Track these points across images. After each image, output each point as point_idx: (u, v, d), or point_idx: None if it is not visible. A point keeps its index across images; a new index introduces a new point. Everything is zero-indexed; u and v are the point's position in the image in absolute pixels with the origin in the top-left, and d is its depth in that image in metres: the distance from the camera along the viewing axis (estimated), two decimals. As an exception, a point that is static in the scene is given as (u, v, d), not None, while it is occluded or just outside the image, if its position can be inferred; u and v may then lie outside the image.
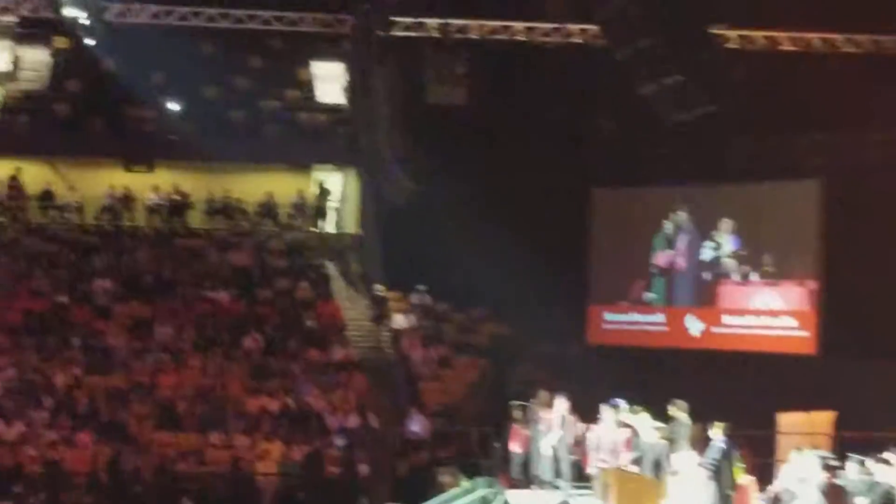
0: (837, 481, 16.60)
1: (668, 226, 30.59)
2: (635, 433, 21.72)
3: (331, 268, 36.37)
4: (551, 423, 22.86)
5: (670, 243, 30.55)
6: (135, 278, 33.92)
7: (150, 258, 34.85)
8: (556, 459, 23.04)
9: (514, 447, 24.40)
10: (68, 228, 36.00)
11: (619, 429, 21.38)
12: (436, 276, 32.68)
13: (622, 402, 22.79)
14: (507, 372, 31.45)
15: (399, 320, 33.54)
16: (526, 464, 24.07)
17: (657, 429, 21.47)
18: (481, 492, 19.42)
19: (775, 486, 21.51)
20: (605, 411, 22.01)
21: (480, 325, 34.06)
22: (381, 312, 33.62)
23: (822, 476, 16.34)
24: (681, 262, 30.19)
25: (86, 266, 34.25)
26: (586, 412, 23.30)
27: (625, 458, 21.19)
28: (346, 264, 36.09)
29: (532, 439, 23.93)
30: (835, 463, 17.30)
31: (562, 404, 22.35)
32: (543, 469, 23.49)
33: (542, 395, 24.06)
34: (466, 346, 33.22)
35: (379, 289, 33.74)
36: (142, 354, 30.97)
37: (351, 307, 34.73)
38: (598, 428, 22.17)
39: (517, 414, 24.27)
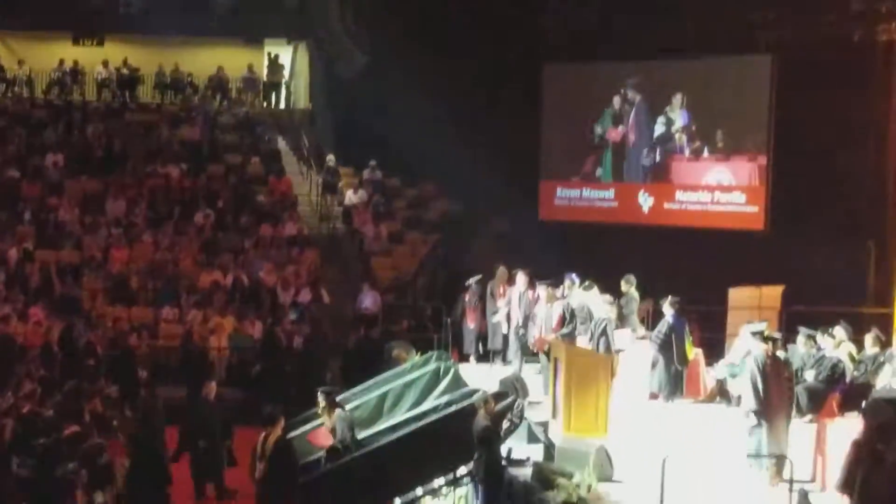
0: (780, 354, 16.44)
1: (615, 101, 30.20)
2: (582, 308, 21.57)
3: (282, 143, 36.07)
4: (509, 298, 22.66)
5: (619, 119, 30.21)
6: (85, 153, 33.49)
7: (100, 133, 34.39)
8: (508, 335, 22.94)
9: (469, 322, 24.29)
10: (18, 103, 35.45)
11: (554, 303, 21.09)
12: (387, 151, 32.33)
13: (574, 277, 22.64)
14: (459, 248, 31.25)
15: (350, 196, 33.28)
16: (480, 339, 23.97)
17: (608, 304, 21.32)
18: (433, 366, 19.20)
19: (725, 361, 21.55)
20: (540, 287, 21.83)
21: (432, 201, 33.85)
22: (332, 183, 33.26)
23: (763, 349, 16.21)
24: (632, 138, 29.89)
25: (36, 141, 33.70)
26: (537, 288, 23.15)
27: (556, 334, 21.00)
28: (298, 139, 35.67)
29: (487, 315, 23.82)
30: (776, 336, 17.17)
31: (521, 280, 22.12)
32: (496, 344, 23.41)
33: (500, 270, 23.86)
34: (418, 221, 33.02)
35: (330, 160, 33.31)
36: (93, 229, 30.63)
37: (302, 182, 34.48)
38: (539, 303, 22.02)
39: (473, 289, 24.07)
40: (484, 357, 23.38)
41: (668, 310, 20.69)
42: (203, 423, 20.08)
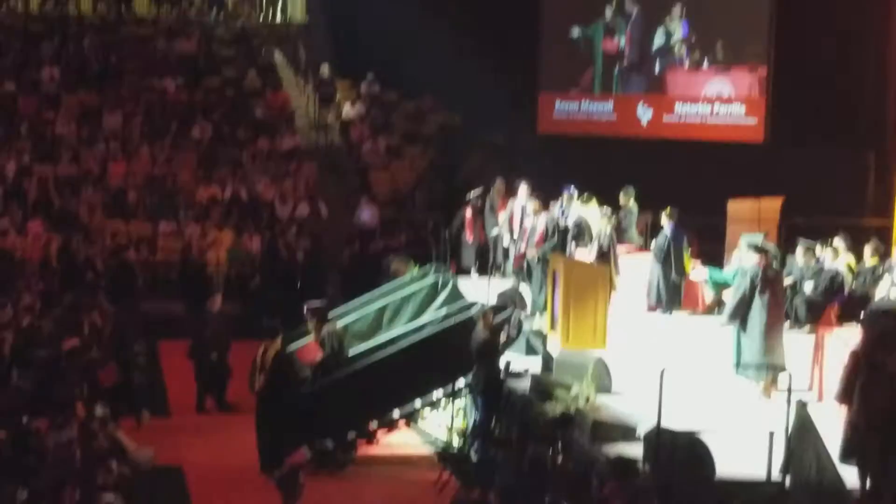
0: (774, 265, 16.39)
1: (608, 12, 29.80)
2: (580, 221, 21.48)
3: (278, 56, 35.76)
4: (510, 210, 22.46)
5: (611, 30, 29.83)
6: (82, 67, 33.19)
7: (96, 46, 34.01)
8: (509, 248, 22.87)
9: (468, 236, 24.17)
10: (13, 16, 35.06)
11: (540, 216, 20.90)
12: (385, 64, 32.00)
13: (573, 190, 22.53)
14: (457, 161, 31.09)
15: (348, 109, 33.06)
16: (479, 252, 23.87)
17: (607, 216, 21.22)
18: (432, 279, 19.18)
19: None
20: (522, 193, 21.73)
21: (430, 114, 33.57)
22: (327, 95, 33.04)
23: (756, 260, 16.16)
24: (631, 50, 29.55)
25: (32, 54, 33.38)
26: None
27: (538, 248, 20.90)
28: (294, 52, 35.35)
29: (486, 228, 23.69)
30: (769, 247, 17.13)
31: (523, 190, 21.93)
32: (496, 258, 23.33)
33: (499, 183, 23.72)
34: (416, 135, 32.79)
35: (324, 70, 33.05)
36: (91, 143, 30.42)
37: (299, 96, 34.22)
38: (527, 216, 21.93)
39: (473, 203, 23.89)
40: (483, 270, 23.29)
41: (666, 222, 20.58)
42: (212, 335, 20.08)
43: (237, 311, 23.93)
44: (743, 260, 16.47)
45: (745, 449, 13.14)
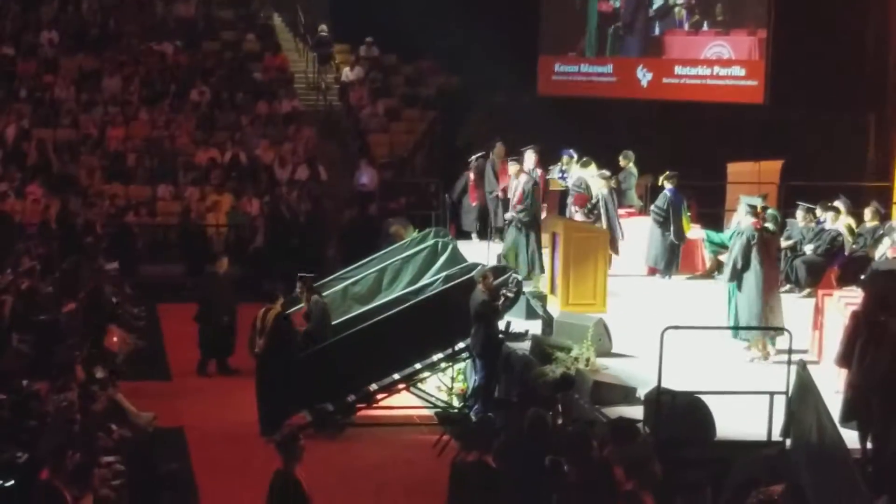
0: (769, 226, 16.33)
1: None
2: (580, 184, 21.37)
3: (277, 19, 35.60)
4: (514, 173, 22.14)
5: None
6: (81, 30, 33.04)
7: (95, 9, 33.86)
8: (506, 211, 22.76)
9: (471, 199, 24.03)
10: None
11: (520, 177, 20.55)
12: (384, 26, 31.81)
13: (572, 153, 22.44)
14: (456, 124, 30.96)
15: (347, 72, 32.92)
16: (481, 216, 23.77)
17: (604, 179, 21.14)
18: (431, 242, 19.10)
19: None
20: (529, 159, 21.58)
21: (429, 77, 33.44)
22: (325, 55, 32.90)
23: (752, 222, 16.10)
24: (631, 12, 29.36)
25: (31, 17, 33.21)
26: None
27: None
28: (293, 15, 35.16)
29: (487, 191, 23.56)
30: (765, 206, 17.06)
31: (530, 158, 21.71)
32: (498, 221, 23.23)
33: (499, 146, 23.57)
34: (415, 97, 32.66)
35: (322, 29, 32.89)
36: (90, 107, 30.31)
37: (298, 59, 34.09)
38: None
39: (475, 166, 23.72)
40: (484, 234, 23.22)
41: (666, 185, 20.54)
42: (219, 298, 20.00)
43: (237, 273, 23.82)
44: (742, 223, 16.37)
45: (745, 410, 13.09)
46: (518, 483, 11.13)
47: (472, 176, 23.61)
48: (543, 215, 20.88)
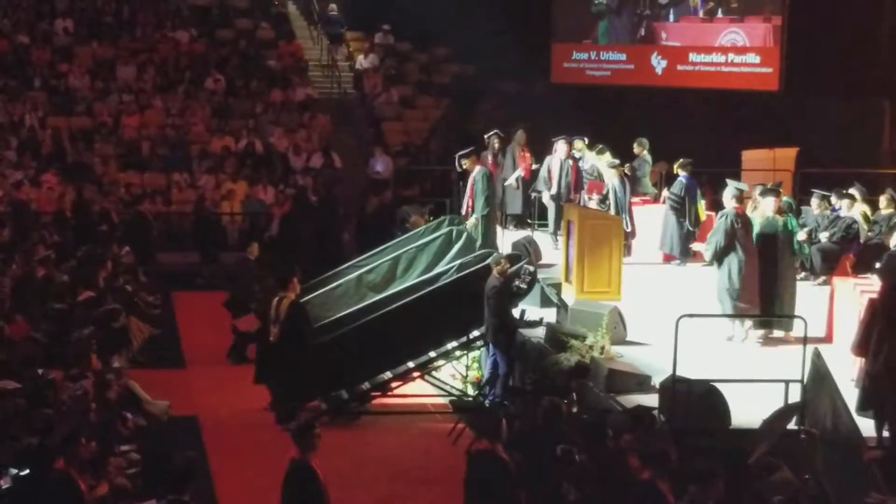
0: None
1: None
2: (592, 171, 21.31)
3: (292, 7, 35.57)
4: (548, 166, 22.01)
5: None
6: (95, 18, 33.05)
7: (109, -2, 33.89)
8: (527, 197, 22.71)
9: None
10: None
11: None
12: (398, 14, 31.76)
13: (585, 140, 22.36)
14: (471, 111, 30.90)
15: (361, 60, 32.88)
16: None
17: (620, 166, 21.07)
18: (446, 229, 19.03)
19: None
20: (560, 149, 21.51)
21: (443, 65, 33.39)
22: (336, 36, 32.88)
23: (734, 207, 16.17)
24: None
25: (45, 6, 33.22)
26: (549, 151, 22.89)
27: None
28: (307, 3, 35.14)
29: (502, 178, 23.44)
30: (744, 189, 17.14)
31: (562, 148, 21.60)
32: (514, 208, 23.16)
33: (519, 134, 23.42)
34: (429, 85, 32.62)
35: (332, 8, 32.86)
36: (104, 95, 30.32)
37: (312, 47, 34.06)
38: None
39: (493, 145, 23.54)
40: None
41: (680, 172, 20.44)
42: (250, 284, 19.96)
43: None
44: (726, 206, 16.52)
45: (760, 397, 13.03)
46: (531, 472, 11.08)
47: (489, 157, 23.45)
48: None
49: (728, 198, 16.61)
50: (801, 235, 16.56)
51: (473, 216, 19.68)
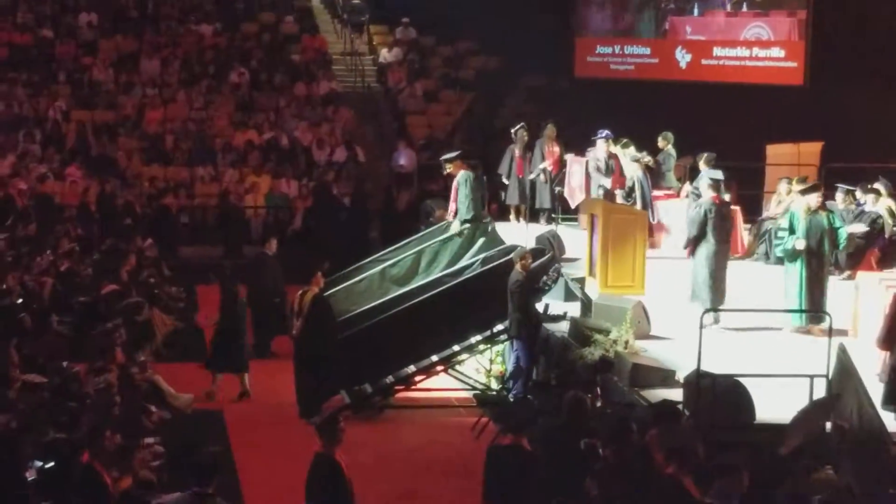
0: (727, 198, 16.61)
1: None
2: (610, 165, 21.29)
3: (315, 0, 35.63)
4: (585, 161, 21.93)
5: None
6: (119, 12, 33.18)
7: (133, -8, 33.98)
8: (552, 191, 22.67)
9: (518, 172, 23.73)
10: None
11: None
12: (422, 8, 31.75)
13: (610, 134, 22.27)
14: (495, 105, 30.88)
15: (385, 54, 32.90)
16: (522, 194, 23.54)
17: (644, 160, 21.04)
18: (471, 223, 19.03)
19: (763, 216, 21.33)
20: (600, 147, 21.46)
21: (467, 59, 33.38)
22: (357, 22, 32.93)
23: (711, 196, 16.31)
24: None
25: (70, 0, 33.31)
26: (573, 144, 22.87)
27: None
28: (331, -2, 35.25)
29: (532, 170, 23.37)
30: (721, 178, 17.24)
31: (602, 146, 21.51)
32: (543, 202, 23.12)
33: (550, 128, 23.34)
34: (453, 79, 32.62)
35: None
36: (128, 89, 30.41)
37: (336, 41, 34.10)
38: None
39: (520, 137, 23.48)
40: (521, 213, 23.10)
41: (704, 167, 20.37)
42: (269, 279, 20.01)
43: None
44: (703, 195, 16.63)
45: (785, 393, 13.00)
46: (555, 467, 11.09)
47: (516, 151, 23.37)
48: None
49: (704, 187, 16.82)
50: (852, 228, 16.54)
51: (456, 220, 19.38)
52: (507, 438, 11.01)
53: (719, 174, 17.53)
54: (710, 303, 16.06)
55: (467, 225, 19.12)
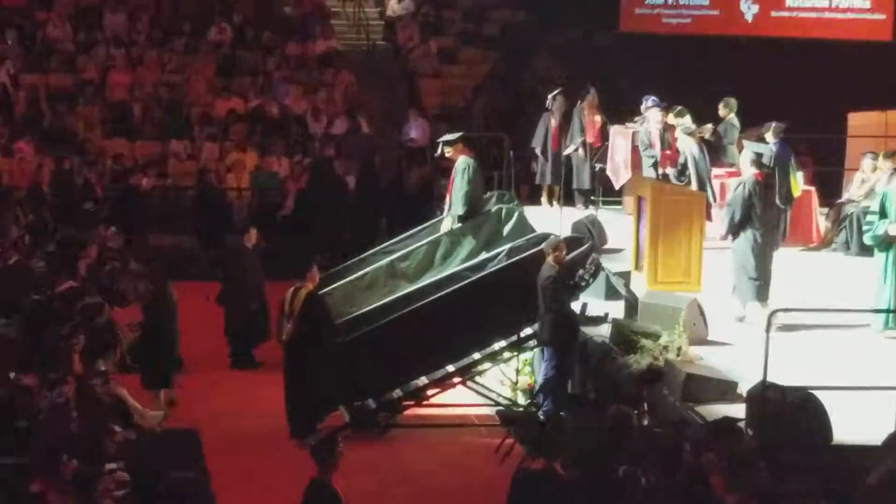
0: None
1: None
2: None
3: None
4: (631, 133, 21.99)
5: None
6: (78, -42, 33.27)
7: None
8: (591, 169, 22.71)
9: (553, 147, 23.74)
10: None
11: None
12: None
13: (655, 100, 22.25)
14: (522, 67, 30.90)
15: (393, 5, 32.92)
16: (557, 173, 23.51)
17: (700, 133, 21.04)
18: (494, 208, 19.06)
19: (843, 199, 21.31)
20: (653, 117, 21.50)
21: (490, 11, 33.39)
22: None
23: (753, 174, 16.41)
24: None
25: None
26: (616, 114, 22.87)
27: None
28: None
29: (568, 144, 23.35)
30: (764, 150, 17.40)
31: (655, 116, 21.56)
32: (582, 183, 23.14)
33: (592, 94, 23.34)
34: (474, 35, 32.63)
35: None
36: (88, 48, 30.43)
37: (336, -9, 34.22)
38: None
39: (558, 106, 23.47)
40: (557, 195, 23.13)
41: (771, 138, 20.35)
42: (247, 277, 20.07)
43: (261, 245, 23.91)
44: (744, 172, 17.08)
45: (870, 409, 13.00)
46: (593, 496, 11.11)
47: (552, 121, 23.34)
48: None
49: (746, 163, 16.89)
50: None
51: (448, 215, 19.11)
52: (537, 462, 11.04)
53: (764, 148, 17.60)
54: (754, 296, 16.19)
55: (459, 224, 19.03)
